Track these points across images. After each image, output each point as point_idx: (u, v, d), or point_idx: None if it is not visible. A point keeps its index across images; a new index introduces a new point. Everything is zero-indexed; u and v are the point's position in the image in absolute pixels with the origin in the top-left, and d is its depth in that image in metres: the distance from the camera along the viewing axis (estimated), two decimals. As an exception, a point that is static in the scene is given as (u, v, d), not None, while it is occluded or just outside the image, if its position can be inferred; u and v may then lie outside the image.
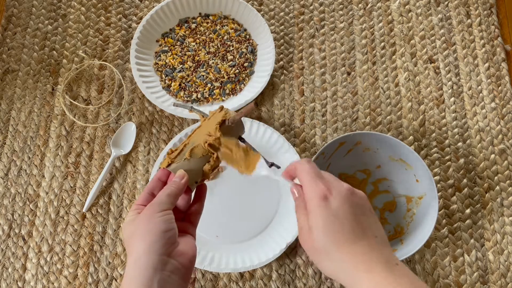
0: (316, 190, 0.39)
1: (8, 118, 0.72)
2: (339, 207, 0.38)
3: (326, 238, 0.38)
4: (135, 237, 0.41)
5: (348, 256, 0.37)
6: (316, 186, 0.39)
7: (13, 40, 0.76)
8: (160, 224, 0.41)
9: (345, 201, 0.39)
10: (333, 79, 0.74)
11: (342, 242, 0.37)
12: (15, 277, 0.64)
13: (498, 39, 0.76)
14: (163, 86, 0.72)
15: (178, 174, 0.45)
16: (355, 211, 0.39)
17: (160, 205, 0.42)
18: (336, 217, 0.38)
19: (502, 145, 0.70)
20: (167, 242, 0.41)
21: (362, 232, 0.38)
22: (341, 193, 0.39)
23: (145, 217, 0.41)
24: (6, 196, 0.68)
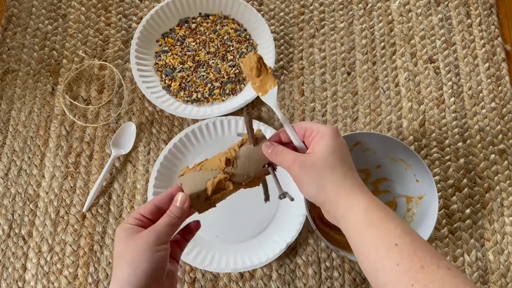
0: (328, 126, 0.44)
1: (8, 118, 0.72)
2: (343, 144, 0.44)
3: (333, 156, 0.42)
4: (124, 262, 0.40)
5: (349, 176, 0.42)
6: (326, 125, 0.44)
7: (13, 40, 0.76)
8: (154, 260, 0.40)
9: (345, 144, 0.45)
10: (333, 79, 0.74)
11: (346, 165, 0.43)
12: (15, 277, 0.64)
13: (498, 39, 0.76)
14: (163, 86, 0.72)
15: (178, 199, 0.44)
16: (349, 155, 0.45)
17: (160, 236, 0.41)
18: (344, 148, 0.44)
19: (502, 145, 0.70)
20: (154, 280, 0.40)
21: (354, 170, 0.44)
22: (342, 138, 0.45)
23: (142, 246, 0.40)
24: (6, 196, 0.68)
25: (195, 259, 0.62)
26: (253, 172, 0.47)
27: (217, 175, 0.45)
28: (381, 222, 0.39)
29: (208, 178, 0.45)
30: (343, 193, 0.41)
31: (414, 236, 0.38)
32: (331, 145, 0.43)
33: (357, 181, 0.43)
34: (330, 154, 0.42)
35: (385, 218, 0.39)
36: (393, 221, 0.39)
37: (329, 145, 0.43)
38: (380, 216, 0.39)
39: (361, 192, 0.41)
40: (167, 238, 0.42)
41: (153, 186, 0.65)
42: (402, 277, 0.35)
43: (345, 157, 0.43)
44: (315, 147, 0.43)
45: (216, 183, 0.45)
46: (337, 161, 0.42)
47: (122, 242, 0.41)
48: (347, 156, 0.44)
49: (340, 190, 0.41)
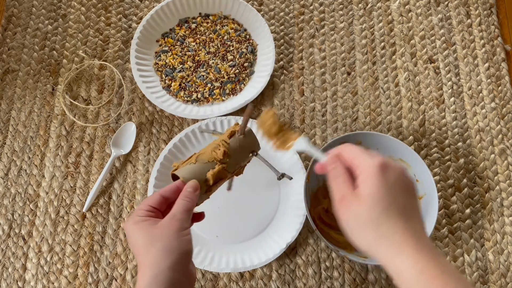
0: (374, 160, 0.38)
1: (8, 118, 0.72)
2: (395, 181, 0.38)
3: (379, 207, 0.37)
4: (155, 250, 0.40)
5: (399, 229, 0.36)
6: (373, 157, 0.39)
7: (13, 40, 0.76)
8: (185, 244, 0.42)
9: (400, 179, 0.38)
10: (333, 79, 0.74)
11: (396, 216, 0.37)
12: (15, 277, 0.64)
13: (498, 39, 0.76)
14: (163, 86, 0.72)
15: (191, 184, 0.45)
16: (407, 191, 0.38)
17: (182, 222, 0.42)
18: (392, 190, 0.37)
19: (502, 145, 0.70)
20: (187, 263, 0.42)
21: (412, 211, 0.38)
22: (397, 169, 0.39)
23: (170, 232, 0.41)
24: (6, 196, 0.68)
25: (195, 259, 0.62)
26: (242, 160, 0.50)
27: (215, 166, 0.48)
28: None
29: (206, 170, 0.47)
30: (390, 253, 0.36)
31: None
32: (377, 191, 0.37)
33: (411, 235, 0.36)
34: (376, 204, 0.37)
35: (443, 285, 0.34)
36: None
37: (375, 192, 0.37)
38: (437, 284, 0.34)
39: (414, 250, 0.35)
40: (188, 223, 0.43)
41: (153, 186, 0.65)
42: None
43: (396, 203, 0.37)
44: (361, 189, 0.38)
45: (216, 173, 0.47)
46: (384, 212, 0.37)
47: (145, 233, 0.41)
48: (400, 199, 0.37)
49: (387, 248, 0.36)
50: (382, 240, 0.37)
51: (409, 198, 0.38)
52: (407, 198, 0.38)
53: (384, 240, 0.36)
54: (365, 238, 0.38)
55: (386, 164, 0.38)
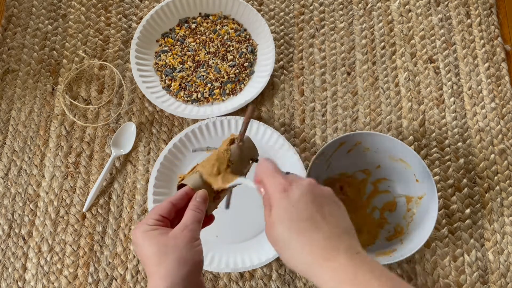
0: (275, 184, 0.39)
1: (8, 118, 0.72)
2: (299, 197, 0.38)
3: (284, 227, 0.37)
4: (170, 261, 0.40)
5: (306, 244, 0.36)
6: (275, 180, 0.40)
7: (13, 40, 0.76)
8: (197, 255, 0.42)
9: (306, 192, 0.38)
10: (333, 79, 0.74)
11: (300, 231, 0.37)
12: (15, 277, 0.64)
13: (498, 39, 0.76)
14: (163, 86, 0.72)
15: (201, 194, 0.46)
16: (317, 201, 0.38)
17: (194, 233, 0.43)
18: (295, 207, 0.37)
19: (502, 145, 0.70)
20: (199, 274, 0.42)
21: (323, 220, 0.37)
22: (301, 185, 0.39)
23: (184, 243, 0.41)
24: (6, 196, 0.68)
25: (195, 259, 0.62)
26: (243, 168, 0.51)
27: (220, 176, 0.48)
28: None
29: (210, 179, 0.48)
30: (303, 268, 0.37)
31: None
32: (279, 216, 0.38)
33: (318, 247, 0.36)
34: (280, 227, 0.38)
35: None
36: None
37: (277, 217, 0.38)
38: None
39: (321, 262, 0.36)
40: (199, 233, 0.44)
41: (153, 186, 0.65)
42: None
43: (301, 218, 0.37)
44: (271, 215, 0.39)
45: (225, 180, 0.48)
46: (289, 230, 0.37)
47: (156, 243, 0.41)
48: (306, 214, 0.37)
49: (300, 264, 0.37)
50: (298, 259, 0.37)
51: (322, 206, 0.38)
52: (317, 208, 0.38)
53: (298, 260, 0.37)
54: (285, 257, 0.38)
55: (287, 185, 0.39)
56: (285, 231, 0.37)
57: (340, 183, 0.67)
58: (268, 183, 0.40)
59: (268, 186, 0.40)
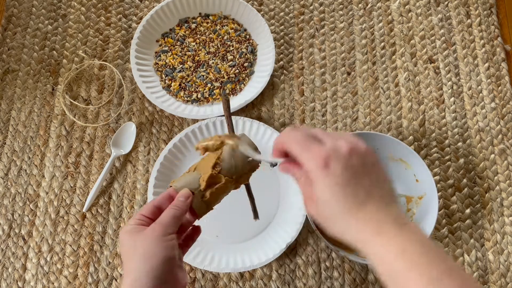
0: (314, 158, 0.37)
1: (8, 118, 0.72)
2: (341, 173, 0.36)
3: (330, 206, 0.37)
4: (137, 256, 0.41)
5: (354, 222, 0.36)
6: (312, 154, 0.37)
7: (13, 40, 0.76)
8: (165, 250, 0.41)
9: (347, 165, 0.36)
10: (333, 79, 0.74)
11: (347, 210, 0.36)
12: (15, 277, 0.64)
13: (498, 39, 0.76)
14: (163, 86, 0.72)
15: (182, 193, 0.45)
16: (358, 174, 0.37)
17: (167, 228, 0.42)
18: (339, 185, 0.36)
19: (502, 145, 0.70)
20: (168, 269, 0.41)
21: (367, 195, 0.36)
22: (341, 158, 0.37)
23: (151, 238, 0.41)
24: (6, 196, 0.68)
25: (195, 259, 0.62)
26: (241, 166, 0.49)
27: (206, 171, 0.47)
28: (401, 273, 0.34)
29: (199, 177, 0.48)
30: (353, 242, 0.37)
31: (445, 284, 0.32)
32: (324, 195, 0.37)
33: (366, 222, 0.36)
34: (326, 207, 0.37)
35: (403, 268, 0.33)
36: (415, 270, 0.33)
37: (321, 196, 0.37)
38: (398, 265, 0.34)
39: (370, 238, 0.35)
40: (173, 229, 0.43)
41: (153, 186, 0.65)
42: None
43: (346, 196, 0.36)
44: (314, 192, 0.38)
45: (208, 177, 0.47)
46: (335, 210, 0.37)
47: (129, 240, 0.42)
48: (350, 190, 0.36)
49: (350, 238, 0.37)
50: (347, 234, 0.37)
51: (363, 178, 0.37)
52: (359, 182, 0.37)
53: (347, 235, 0.37)
54: (333, 231, 0.38)
55: (326, 159, 0.36)
56: (333, 210, 0.37)
57: (340, 183, 0.67)
58: (304, 158, 0.37)
59: (305, 161, 0.37)
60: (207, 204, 0.48)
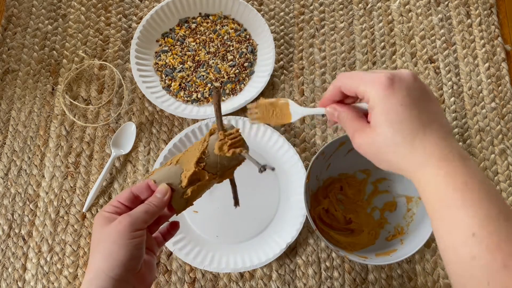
0: (377, 79, 0.35)
1: (8, 118, 0.72)
2: (406, 94, 0.35)
3: (392, 129, 0.35)
4: (98, 252, 0.39)
5: (418, 145, 0.34)
6: (373, 77, 0.36)
7: (13, 40, 0.76)
8: (126, 249, 0.38)
9: (412, 87, 0.35)
10: (333, 79, 0.74)
11: (410, 132, 0.34)
12: (15, 277, 0.64)
13: (498, 39, 0.76)
14: (163, 86, 0.72)
15: (160, 189, 0.43)
16: (421, 98, 0.35)
17: (135, 223, 0.39)
18: (404, 106, 0.34)
19: (502, 145, 0.70)
20: (128, 269, 0.39)
21: (431, 120, 0.35)
22: (405, 79, 0.35)
23: (115, 234, 0.39)
24: (6, 196, 0.68)
25: (195, 259, 0.62)
26: (226, 160, 0.46)
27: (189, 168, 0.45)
28: (456, 207, 0.32)
29: (181, 172, 0.45)
30: (411, 168, 0.35)
31: (502, 225, 0.30)
32: (386, 118, 0.35)
33: (432, 147, 0.34)
34: (387, 130, 0.35)
35: (462, 201, 0.32)
36: (473, 206, 0.32)
37: (383, 119, 0.35)
38: (456, 197, 0.32)
39: (434, 162, 0.33)
40: (143, 225, 0.40)
41: (153, 186, 0.65)
42: (478, 272, 0.30)
43: (412, 117, 0.34)
44: (374, 120, 0.36)
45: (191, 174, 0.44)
46: (399, 132, 0.34)
47: (98, 230, 0.40)
48: (416, 112, 0.35)
49: (409, 164, 0.35)
50: (407, 161, 0.35)
51: (427, 103, 0.36)
52: (423, 106, 0.35)
53: (407, 161, 0.35)
54: (389, 161, 0.36)
55: (390, 80, 0.35)
56: (396, 133, 0.34)
57: (340, 183, 0.67)
58: (363, 83, 0.36)
59: (366, 85, 0.36)
60: (187, 201, 0.46)
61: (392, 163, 0.36)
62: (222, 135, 0.46)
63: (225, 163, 0.47)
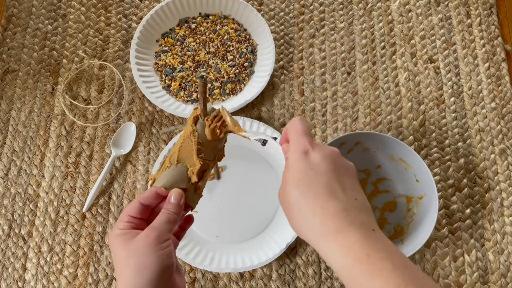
0: (299, 143, 0.37)
1: (8, 118, 0.72)
2: (320, 162, 0.35)
3: (299, 190, 0.35)
4: (129, 268, 0.37)
5: (320, 211, 0.34)
6: (300, 140, 0.37)
7: (13, 40, 0.76)
8: (160, 260, 0.38)
9: (328, 158, 0.36)
10: (333, 79, 0.74)
11: (316, 197, 0.34)
12: (15, 277, 0.64)
13: (498, 39, 0.76)
14: (163, 86, 0.72)
15: (174, 195, 0.42)
16: (338, 171, 0.36)
17: (161, 235, 0.39)
18: (314, 171, 0.35)
19: (502, 145, 0.70)
20: (165, 280, 0.38)
21: (341, 190, 0.35)
22: (325, 151, 0.36)
23: (144, 247, 0.38)
24: (6, 196, 0.68)
25: (195, 259, 0.62)
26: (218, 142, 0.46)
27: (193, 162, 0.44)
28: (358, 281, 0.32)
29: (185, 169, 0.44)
30: (311, 236, 0.35)
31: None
32: (295, 178, 0.35)
33: (333, 218, 0.34)
34: (295, 191, 0.35)
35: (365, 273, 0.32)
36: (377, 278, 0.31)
37: (292, 179, 0.36)
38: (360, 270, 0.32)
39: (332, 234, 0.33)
40: (168, 235, 0.40)
41: (153, 186, 0.65)
42: None
43: (319, 183, 0.35)
44: (284, 178, 0.37)
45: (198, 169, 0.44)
46: (303, 195, 0.35)
47: (121, 248, 0.39)
48: (325, 180, 0.35)
49: (309, 231, 0.35)
50: (308, 226, 0.34)
51: (342, 176, 0.36)
52: (337, 176, 0.35)
53: (308, 227, 0.34)
54: (293, 222, 0.36)
55: (309, 147, 0.36)
56: (300, 195, 0.34)
57: (340, 183, 0.67)
58: (292, 143, 0.38)
59: (291, 145, 0.37)
60: (199, 195, 0.46)
61: (298, 225, 0.36)
62: (209, 121, 0.46)
63: (218, 146, 0.47)
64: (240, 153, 0.69)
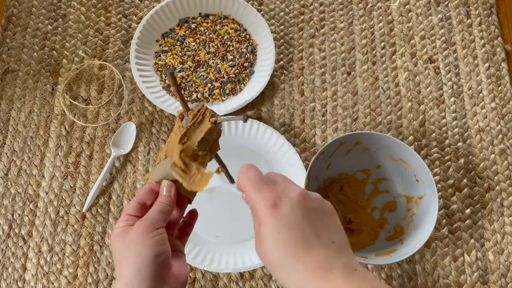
0: (263, 198, 0.36)
1: (8, 118, 0.72)
2: (290, 214, 0.35)
3: (277, 250, 0.35)
4: (125, 259, 0.39)
5: (301, 266, 0.34)
6: (262, 194, 0.36)
7: (13, 40, 0.76)
8: (151, 247, 0.39)
9: (297, 207, 0.35)
10: (333, 79, 0.74)
11: (294, 252, 0.34)
12: (15, 277, 0.64)
13: (498, 39, 0.76)
14: (163, 86, 0.72)
15: (165, 186, 0.43)
16: (309, 216, 0.36)
17: (153, 224, 0.40)
18: (287, 226, 0.35)
19: (502, 145, 0.70)
20: (158, 267, 0.39)
21: (316, 238, 0.35)
22: (292, 199, 0.36)
23: (136, 238, 0.39)
24: (6, 196, 0.68)
25: (195, 259, 0.62)
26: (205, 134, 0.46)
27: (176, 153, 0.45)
28: None
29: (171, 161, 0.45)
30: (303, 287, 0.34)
31: None
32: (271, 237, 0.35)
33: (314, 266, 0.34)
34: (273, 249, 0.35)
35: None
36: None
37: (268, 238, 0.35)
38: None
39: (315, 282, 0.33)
40: (161, 223, 0.41)
41: (153, 186, 0.65)
42: None
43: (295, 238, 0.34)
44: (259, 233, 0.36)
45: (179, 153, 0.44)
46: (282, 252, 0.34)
47: (119, 243, 0.40)
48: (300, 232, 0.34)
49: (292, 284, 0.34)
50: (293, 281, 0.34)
51: (314, 221, 0.36)
52: (310, 224, 0.35)
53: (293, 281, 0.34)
54: (278, 278, 0.36)
55: (276, 199, 0.35)
56: (280, 253, 0.35)
57: (340, 183, 0.67)
58: (254, 197, 0.37)
59: (255, 200, 0.37)
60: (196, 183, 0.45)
61: (283, 281, 0.35)
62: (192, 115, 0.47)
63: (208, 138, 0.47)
64: (240, 153, 0.69)
